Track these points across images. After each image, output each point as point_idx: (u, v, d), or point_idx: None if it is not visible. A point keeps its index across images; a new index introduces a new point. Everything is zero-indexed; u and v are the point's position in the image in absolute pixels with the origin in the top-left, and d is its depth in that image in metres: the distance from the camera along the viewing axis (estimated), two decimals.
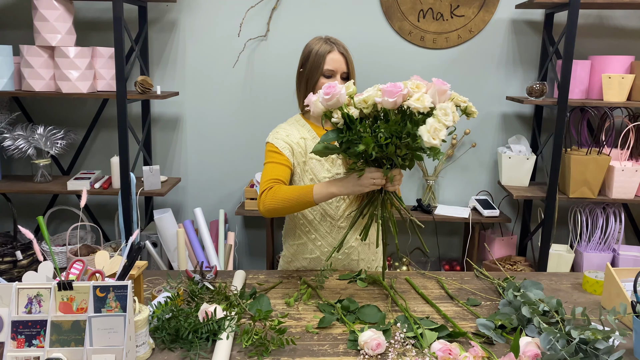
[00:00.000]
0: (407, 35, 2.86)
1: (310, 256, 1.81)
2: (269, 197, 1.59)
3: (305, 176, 1.73)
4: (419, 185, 3.06)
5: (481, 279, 1.78)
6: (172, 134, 2.99)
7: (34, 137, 2.64)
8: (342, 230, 1.76)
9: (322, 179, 1.71)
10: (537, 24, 2.86)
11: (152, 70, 2.90)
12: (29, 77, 2.52)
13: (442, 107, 1.36)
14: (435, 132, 1.33)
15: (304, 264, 1.84)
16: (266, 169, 1.69)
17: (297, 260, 1.85)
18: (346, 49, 1.71)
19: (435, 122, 1.34)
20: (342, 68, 1.68)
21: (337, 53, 1.68)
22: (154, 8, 2.84)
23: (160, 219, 2.63)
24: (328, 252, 1.78)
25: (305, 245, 1.81)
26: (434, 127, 1.33)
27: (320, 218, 1.76)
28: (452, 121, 1.35)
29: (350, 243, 1.78)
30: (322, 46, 1.68)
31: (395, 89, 1.35)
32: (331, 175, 1.71)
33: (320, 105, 1.43)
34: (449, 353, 1.20)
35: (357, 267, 1.82)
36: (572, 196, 2.62)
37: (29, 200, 3.05)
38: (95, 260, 1.43)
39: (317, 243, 1.79)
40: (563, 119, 2.52)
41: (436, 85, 1.37)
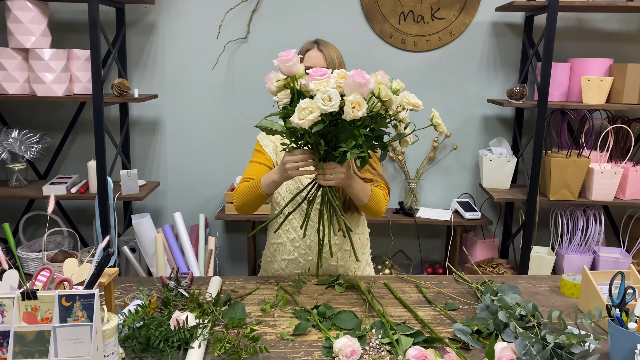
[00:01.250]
0: (388, 37, 2.85)
1: (289, 257, 1.79)
2: (235, 195, 1.67)
3: None
4: (401, 188, 3.05)
5: (460, 283, 1.77)
6: (151, 137, 2.95)
7: (8, 141, 2.59)
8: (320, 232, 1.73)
9: (303, 179, 1.70)
10: (518, 27, 2.87)
11: (130, 72, 2.86)
12: (3, 80, 2.47)
13: (327, 91, 1.30)
14: (302, 112, 1.30)
15: (282, 265, 1.81)
16: (246, 168, 1.74)
17: (276, 262, 1.83)
18: (328, 47, 1.69)
19: (309, 102, 1.31)
20: (319, 64, 1.67)
21: (315, 50, 1.68)
22: (132, 10, 2.80)
23: (138, 224, 2.59)
24: (307, 254, 1.76)
25: (284, 245, 1.79)
26: (303, 107, 1.30)
27: (299, 219, 1.74)
28: (333, 107, 1.28)
29: (328, 247, 1.75)
30: (305, 45, 1.71)
31: (317, 73, 1.34)
32: (313, 176, 1.69)
33: (274, 83, 1.40)
34: (424, 359, 1.18)
35: (336, 273, 1.80)
36: (553, 198, 2.63)
37: (4, 205, 2.99)
38: (64, 268, 1.39)
39: (295, 244, 1.77)
40: (543, 122, 2.52)
41: (354, 77, 1.31)
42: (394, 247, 3.08)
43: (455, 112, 2.96)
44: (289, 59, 1.35)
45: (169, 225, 2.75)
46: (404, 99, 1.38)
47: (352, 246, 1.59)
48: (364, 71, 1.34)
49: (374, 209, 1.65)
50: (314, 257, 1.76)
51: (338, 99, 1.30)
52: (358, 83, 1.31)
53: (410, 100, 1.38)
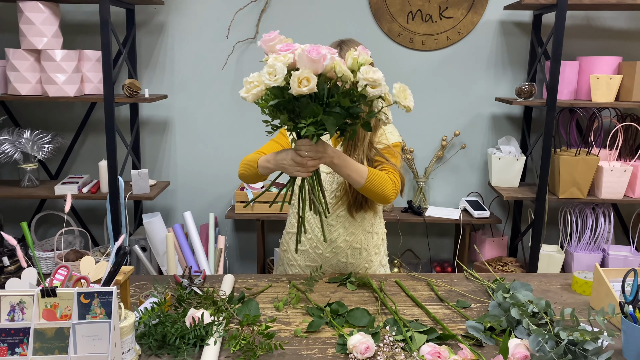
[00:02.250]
0: (397, 37, 2.86)
1: (301, 248, 1.81)
2: (240, 163, 1.68)
3: None
4: (410, 187, 3.06)
5: (471, 281, 1.78)
6: (161, 137, 2.97)
7: (21, 141, 2.61)
8: (332, 227, 1.75)
9: (320, 172, 1.71)
10: (526, 25, 2.87)
11: (140, 73, 2.88)
12: (15, 81, 2.50)
13: (273, 65, 1.28)
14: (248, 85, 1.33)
15: (295, 255, 1.83)
16: (266, 143, 1.74)
17: (289, 251, 1.85)
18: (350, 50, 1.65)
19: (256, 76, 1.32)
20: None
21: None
22: (142, 11, 2.82)
23: (149, 223, 2.61)
24: (317, 247, 1.78)
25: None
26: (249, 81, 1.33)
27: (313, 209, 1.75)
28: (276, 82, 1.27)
29: (337, 243, 1.77)
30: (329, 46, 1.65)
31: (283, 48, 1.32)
32: (329, 171, 1.70)
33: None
34: (438, 356, 1.19)
35: (346, 270, 1.81)
36: (562, 197, 2.63)
37: (16, 205, 3.02)
38: (81, 265, 1.41)
39: (307, 236, 1.78)
40: (552, 120, 2.53)
41: (308, 53, 1.27)
42: (403, 245, 3.09)
43: (464, 111, 2.96)
44: (271, 39, 1.35)
45: (179, 225, 2.77)
46: (362, 75, 1.31)
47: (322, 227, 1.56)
48: (324, 47, 1.31)
49: (377, 192, 1.56)
50: (324, 250, 1.78)
51: (283, 74, 1.28)
52: (311, 59, 1.28)
53: (368, 75, 1.31)
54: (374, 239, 1.82)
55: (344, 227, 1.75)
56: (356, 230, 1.76)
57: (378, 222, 1.83)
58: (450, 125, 2.97)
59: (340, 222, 1.74)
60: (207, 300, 1.49)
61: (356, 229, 1.76)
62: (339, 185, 1.71)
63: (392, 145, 1.70)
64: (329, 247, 1.77)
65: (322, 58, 1.29)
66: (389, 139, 1.71)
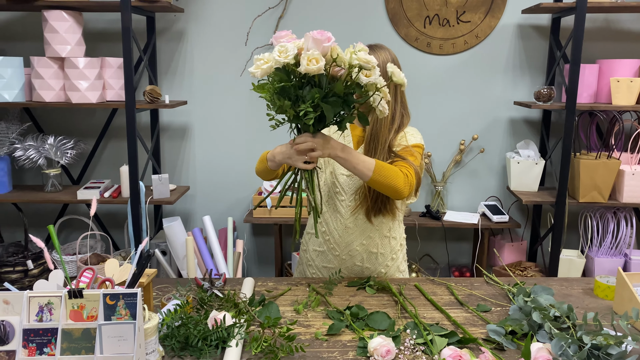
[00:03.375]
0: (414, 41, 2.87)
1: (319, 249, 1.82)
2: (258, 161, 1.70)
3: (327, 169, 1.76)
4: (428, 191, 3.05)
5: (491, 285, 1.77)
6: (181, 142, 3.01)
7: (45, 147, 2.67)
8: (348, 229, 1.75)
9: (339, 175, 1.72)
10: (544, 29, 2.86)
11: (160, 79, 2.93)
12: (40, 88, 2.55)
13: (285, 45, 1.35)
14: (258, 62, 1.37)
15: (313, 255, 1.84)
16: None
17: (308, 251, 1.86)
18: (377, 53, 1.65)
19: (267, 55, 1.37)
20: None
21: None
22: (162, 18, 2.86)
23: (169, 227, 2.64)
24: (334, 249, 1.78)
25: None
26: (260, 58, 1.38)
27: (331, 213, 1.77)
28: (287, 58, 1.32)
29: (354, 246, 1.77)
30: None
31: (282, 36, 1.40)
32: (349, 174, 1.71)
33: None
34: (460, 359, 1.19)
35: (362, 274, 1.81)
36: (582, 201, 2.61)
37: (40, 209, 3.08)
38: (105, 268, 1.43)
39: (325, 237, 1.79)
40: (572, 124, 2.51)
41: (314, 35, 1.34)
42: (421, 250, 3.08)
43: (482, 115, 2.95)
44: (282, 35, 1.41)
45: (198, 229, 2.80)
46: (353, 55, 1.36)
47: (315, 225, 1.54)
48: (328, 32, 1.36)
49: (386, 184, 1.52)
50: (340, 252, 1.78)
51: (294, 52, 1.34)
52: (315, 39, 1.34)
53: (361, 55, 1.36)
54: (391, 244, 1.82)
55: (360, 231, 1.75)
56: (373, 235, 1.76)
57: (397, 227, 1.82)
58: (468, 129, 2.96)
59: (357, 226, 1.75)
60: (228, 303, 1.50)
61: (373, 233, 1.76)
62: (358, 189, 1.71)
63: (411, 146, 1.70)
64: (345, 249, 1.78)
65: (327, 39, 1.35)
66: (409, 141, 1.71)
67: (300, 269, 1.93)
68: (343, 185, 1.73)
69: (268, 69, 1.38)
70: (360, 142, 1.74)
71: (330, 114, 1.38)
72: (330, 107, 1.37)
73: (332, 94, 1.38)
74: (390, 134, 1.65)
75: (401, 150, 1.68)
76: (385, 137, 1.64)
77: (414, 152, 1.67)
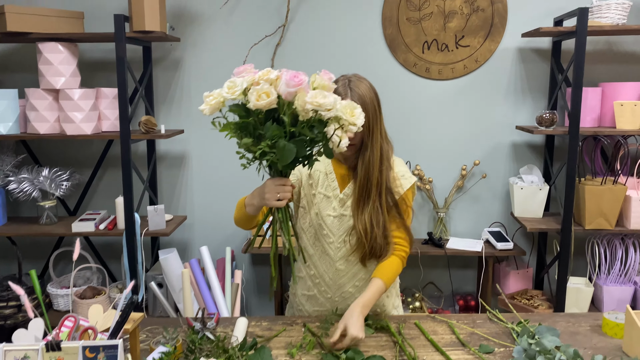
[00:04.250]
0: (412, 67, 2.83)
1: (308, 293, 1.76)
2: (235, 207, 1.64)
3: (312, 210, 1.69)
4: (430, 218, 2.99)
5: (494, 322, 1.70)
6: (178, 171, 2.97)
7: (39, 179, 2.64)
8: (340, 272, 1.70)
9: (325, 217, 1.67)
10: (545, 52, 2.82)
11: (157, 108, 2.90)
12: (34, 120, 2.53)
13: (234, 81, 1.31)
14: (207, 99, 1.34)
15: (302, 300, 1.78)
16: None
17: (297, 296, 1.81)
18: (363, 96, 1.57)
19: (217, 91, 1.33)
20: None
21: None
22: (159, 47, 2.85)
23: (165, 259, 2.59)
24: (325, 292, 1.72)
25: (304, 280, 1.77)
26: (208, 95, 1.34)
27: (320, 256, 1.71)
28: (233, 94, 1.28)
29: (347, 288, 1.71)
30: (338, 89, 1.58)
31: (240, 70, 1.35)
32: (337, 214, 1.66)
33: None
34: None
35: None
36: (588, 227, 2.53)
37: (36, 241, 3.04)
38: (89, 314, 1.38)
39: (315, 280, 1.74)
40: (575, 149, 2.45)
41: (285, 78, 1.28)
42: (424, 279, 3.00)
43: (483, 140, 2.90)
44: (240, 71, 1.36)
45: (195, 260, 2.74)
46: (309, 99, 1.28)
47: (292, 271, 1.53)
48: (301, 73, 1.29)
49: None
50: (332, 295, 1.72)
51: (242, 87, 1.29)
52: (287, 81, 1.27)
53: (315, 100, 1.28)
54: None
55: (352, 273, 1.70)
56: (366, 276, 1.70)
57: None
58: (470, 154, 2.90)
59: (348, 268, 1.69)
60: (218, 348, 1.44)
61: (366, 274, 1.70)
62: (347, 230, 1.65)
63: (405, 194, 1.66)
64: (338, 291, 1.72)
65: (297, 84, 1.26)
66: (403, 185, 1.66)
67: (291, 312, 1.86)
68: (330, 227, 1.67)
69: (216, 105, 1.32)
70: (345, 180, 1.67)
71: (291, 155, 1.29)
72: (293, 147, 1.29)
73: (297, 132, 1.31)
74: (382, 175, 1.60)
75: (400, 204, 1.64)
76: (377, 179, 1.59)
77: (408, 204, 1.68)
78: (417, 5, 2.78)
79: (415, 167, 2.91)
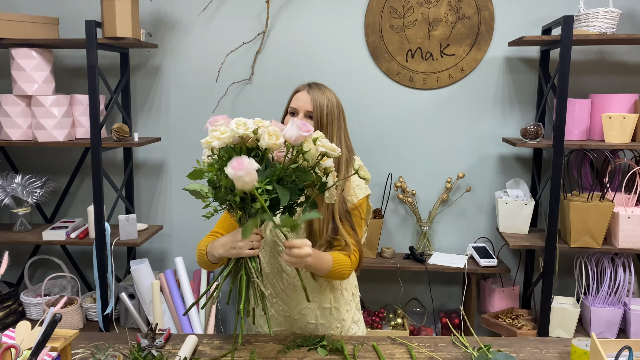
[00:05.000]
0: (396, 75, 2.75)
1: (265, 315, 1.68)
2: (196, 250, 1.62)
3: (266, 228, 1.64)
4: (413, 232, 2.90)
5: (457, 346, 1.61)
6: (156, 180, 2.91)
7: (12, 186, 2.60)
8: (297, 289, 1.63)
9: (280, 233, 1.60)
10: (533, 62, 2.72)
11: (136, 116, 2.85)
12: (6, 126, 2.50)
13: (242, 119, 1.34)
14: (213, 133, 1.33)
15: (260, 322, 1.71)
16: (220, 218, 1.69)
17: (256, 316, 1.72)
18: (319, 91, 1.61)
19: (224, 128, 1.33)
20: (305, 107, 1.60)
21: (304, 93, 1.62)
22: (137, 54, 2.81)
23: (136, 270, 2.53)
24: (284, 311, 1.65)
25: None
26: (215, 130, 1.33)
27: (276, 274, 1.65)
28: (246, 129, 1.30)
29: (305, 304, 1.64)
30: (299, 86, 1.66)
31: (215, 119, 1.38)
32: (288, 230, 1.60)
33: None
34: None
35: (317, 332, 1.67)
36: (574, 245, 2.42)
37: (14, 247, 2.99)
38: (16, 331, 1.31)
39: (272, 299, 1.67)
40: (559, 163, 2.34)
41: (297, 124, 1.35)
42: (407, 294, 2.90)
43: (469, 152, 2.80)
44: (217, 119, 1.39)
45: (171, 270, 2.68)
46: (319, 144, 1.36)
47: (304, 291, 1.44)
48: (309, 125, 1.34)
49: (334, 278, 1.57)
50: (291, 313, 1.65)
51: (253, 127, 1.32)
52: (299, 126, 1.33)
53: (326, 144, 1.37)
54: (344, 296, 1.68)
55: (310, 288, 1.62)
56: (323, 289, 1.64)
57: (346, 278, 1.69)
58: (454, 166, 2.81)
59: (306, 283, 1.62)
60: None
61: (323, 287, 1.64)
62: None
63: (358, 204, 1.59)
64: (296, 308, 1.65)
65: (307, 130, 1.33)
66: (357, 194, 1.59)
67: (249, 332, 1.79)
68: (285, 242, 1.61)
69: (228, 140, 1.31)
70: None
71: (286, 198, 1.31)
72: (287, 192, 1.31)
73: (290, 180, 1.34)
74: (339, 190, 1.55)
75: (353, 215, 1.57)
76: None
77: (361, 215, 1.62)
78: (401, 13, 2.70)
79: (398, 179, 2.83)
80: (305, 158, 1.36)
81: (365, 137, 2.79)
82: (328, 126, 1.57)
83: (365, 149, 2.80)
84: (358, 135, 2.79)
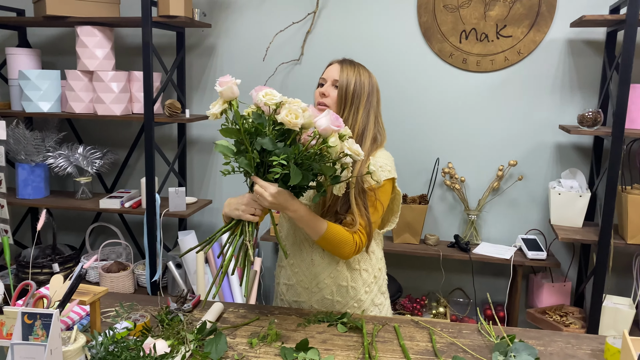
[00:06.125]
0: (448, 57, 2.67)
1: (288, 282, 1.73)
2: None
3: None
4: (460, 220, 2.81)
5: (482, 334, 1.55)
6: (208, 156, 3.01)
7: (75, 156, 2.78)
8: (315, 262, 1.66)
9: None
10: (599, 44, 2.54)
11: (190, 94, 2.96)
12: (71, 100, 2.67)
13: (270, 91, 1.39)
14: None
15: (283, 289, 1.76)
16: None
17: (280, 284, 1.78)
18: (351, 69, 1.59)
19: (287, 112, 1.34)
20: (333, 75, 1.60)
21: (336, 65, 1.62)
22: (193, 34, 2.90)
23: (183, 240, 2.64)
24: (302, 282, 1.67)
25: (285, 269, 1.74)
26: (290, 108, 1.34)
27: (297, 246, 1.68)
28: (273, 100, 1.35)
29: (321, 278, 1.65)
30: (332, 60, 1.67)
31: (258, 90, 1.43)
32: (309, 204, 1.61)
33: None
34: None
35: (333, 307, 1.68)
36: (631, 242, 2.26)
37: (76, 215, 3.22)
38: (51, 283, 1.42)
39: (294, 269, 1.70)
40: (618, 152, 2.18)
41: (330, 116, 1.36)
42: (451, 283, 2.84)
43: (523, 139, 2.67)
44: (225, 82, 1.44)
45: (217, 243, 2.77)
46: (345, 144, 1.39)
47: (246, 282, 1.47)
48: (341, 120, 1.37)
49: (332, 250, 1.52)
50: (309, 285, 1.67)
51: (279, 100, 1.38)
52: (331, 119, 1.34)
53: (352, 146, 1.39)
54: (362, 277, 1.66)
55: (327, 263, 1.63)
56: (340, 268, 1.63)
57: (367, 259, 1.67)
58: (507, 154, 2.69)
59: (323, 258, 1.63)
60: (171, 329, 1.43)
61: (341, 266, 1.63)
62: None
63: (379, 188, 1.55)
64: (313, 281, 1.66)
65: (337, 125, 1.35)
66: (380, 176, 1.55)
67: (275, 302, 1.83)
68: None
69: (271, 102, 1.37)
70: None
71: (298, 178, 1.33)
72: (300, 173, 1.34)
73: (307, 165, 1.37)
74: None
75: (368, 196, 1.54)
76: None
77: (377, 204, 1.55)
78: None
79: (446, 164, 2.75)
80: (328, 151, 1.37)
81: (413, 120, 2.73)
82: (354, 100, 1.55)
83: (412, 132, 2.75)
84: (406, 117, 2.75)
